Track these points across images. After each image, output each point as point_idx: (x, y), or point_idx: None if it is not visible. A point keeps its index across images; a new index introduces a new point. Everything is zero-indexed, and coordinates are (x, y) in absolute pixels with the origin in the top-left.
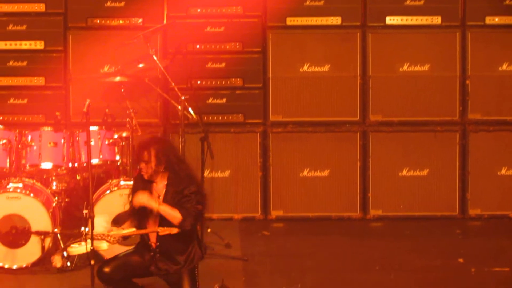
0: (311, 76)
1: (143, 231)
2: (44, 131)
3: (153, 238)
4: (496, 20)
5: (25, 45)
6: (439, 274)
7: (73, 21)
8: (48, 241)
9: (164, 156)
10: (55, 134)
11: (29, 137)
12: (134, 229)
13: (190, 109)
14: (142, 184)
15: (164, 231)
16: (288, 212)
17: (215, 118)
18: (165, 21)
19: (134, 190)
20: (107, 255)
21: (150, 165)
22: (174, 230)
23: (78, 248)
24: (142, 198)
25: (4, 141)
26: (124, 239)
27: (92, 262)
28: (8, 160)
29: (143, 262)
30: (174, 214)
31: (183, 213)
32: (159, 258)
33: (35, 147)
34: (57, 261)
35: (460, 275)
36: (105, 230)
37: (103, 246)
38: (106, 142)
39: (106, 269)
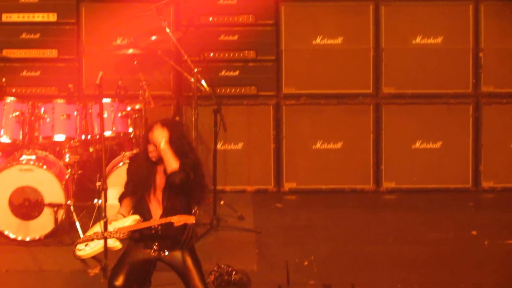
0: (324, 49)
1: (156, 222)
2: (57, 103)
3: (156, 214)
4: None
5: (38, 17)
6: (452, 247)
7: None
8: (61, 213)
9: (178, 141)
10: (68, 106)
11: (42, 109)
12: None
13: (203, 82)
14: (146, 164)
15: (179, 221)
16: (301, 184)
17: (228, 91)
18: None
19: (134, 171)
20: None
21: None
22: (191, 219)
23: (88, 251)
24: (157, 134)
25: (17, 113)
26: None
27: (105, 233)
28: (21, 132)
29: (147, 256)
30: (172, 161)
31: (180, 166)
32: (160, 238)
33: (48, 119)
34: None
35: (473, 248)
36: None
37: (117, 246)
38: (119, 115)
39: (118, 283)
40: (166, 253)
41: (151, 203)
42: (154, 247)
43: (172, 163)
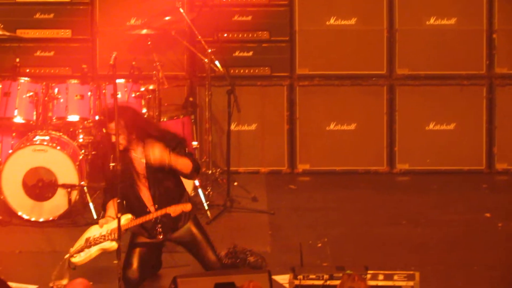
0: (337, 29)
1: (153, 215)
2: (71, 84)
3: (148, 203)
4: None
5: None
6: (465, 229)
7: None
8: (74, 194)
9: (133, 124)
10: (81, 87)
11: (56, 90)
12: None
13: (216, 62)
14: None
15: (176, 211)
16: (314, 165)
17: (241, 71)
18: None
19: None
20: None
21: (122, 136)
22: (187, 207)
23: (83, 257)
24: (156, 153)
25: (31, 93)
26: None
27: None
28: (34, 113)
29: (153, 241)
30: (185, 162)
31: (191, 159)
32: (162, 221)
33: (61, 100)
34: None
35: (487, 230)
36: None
37: (113, 246)
38: (133, 95)
39: (133, 276)
40: (172, 232)
41: (141, 191)
42: (158, 230)
43: (186, 164)
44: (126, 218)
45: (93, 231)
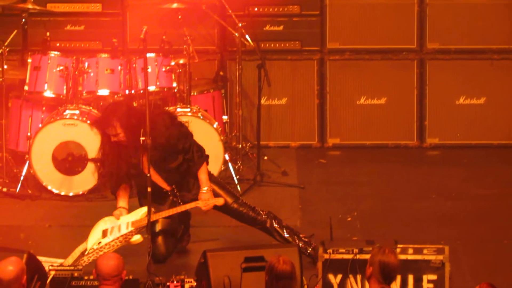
0: (368, 3)
1: (183, 208)
2: (101, 58)
3: (163, 185)
4: None
5: None
6: (495, 203)
7: None
8: None
9: (128, 122)
10: (112, 61)
11: (86, 64)
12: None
13: (247, 36)
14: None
15: (207, 205)
16: (344, 140)
17: (272, 45)
18: None
19: (107, 152)
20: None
21: (121, 135)
22: (220, 201)
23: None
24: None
25: (61, 67)
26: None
27: (149, 189)
28: (65, 87)
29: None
30: (206, 170)
31: (197, 156)
32: (179, 195)
33: (92, 74)
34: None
35: None
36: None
37: (138, 239)
38: (163, 69)
39: (159, 251)
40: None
41: (154, 177)
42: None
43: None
44: (143, 212)
45: (108, 224)
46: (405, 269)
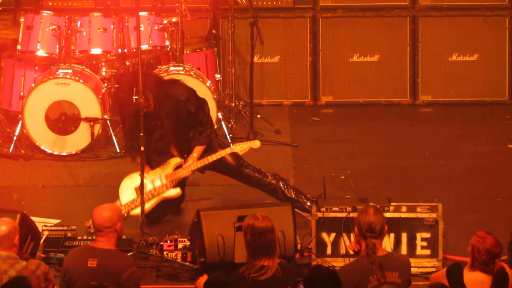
0: None
1: (216, 156)
2: (94, 17)
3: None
4: None
5: None
6: (488, 160)
7: None
8: (97, 128)
9: (157, 92)
10: (104, 20)
11: (79, 23)
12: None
13: None
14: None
15: (243, 149)
16: (337, 97)
17: (264, 3)
18: None
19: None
20: None
21: (151, 107)
22: (257, 144)
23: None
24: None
25: (54, 27)
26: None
27: (142, 148)
28: (57, 46)
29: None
30: (201, 150)
31: (207, 139)
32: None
33: (84, 33)
34: None
35: (510, 161)
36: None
37: (177, 192)
38: (156, 28)
39: (155, 212)
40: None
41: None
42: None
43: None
44: (175, 162)
45: (135, 181)
46: (398, 227)
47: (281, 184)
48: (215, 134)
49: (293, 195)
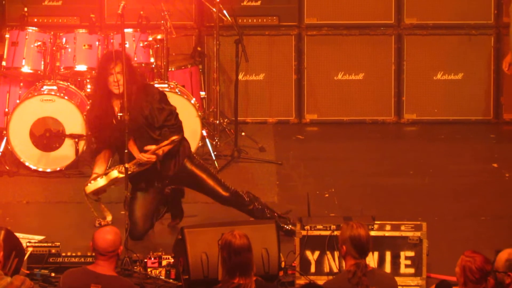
0: None
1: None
2: (79, 33)
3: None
4: None
5: None
6: (473, 179)
7: None
8: (82, 144)
9: (132, 67)
10: (89, 36)
11: (64, 39)
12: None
13: (224, 12)
14: (105, 103)
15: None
16: (322, 115)
17: (249, 21)
18: None
19: (97, 116)
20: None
21: (122, 80)
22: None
23: (95, 183)
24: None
25: (39, 43)
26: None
27: (127, 165)
28: (42, 63)
29: (153, 191)
30: (172, 141)
31: (174, 129)
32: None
33: (69, 50)
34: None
35: (494, 180)
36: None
37: (113, 174)
38: (141, 45)
39: (136, 229)
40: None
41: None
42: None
43: (173, 141)
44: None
45: None
46: (382, 245)
47: (257, 205)
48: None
49: (269, 215)
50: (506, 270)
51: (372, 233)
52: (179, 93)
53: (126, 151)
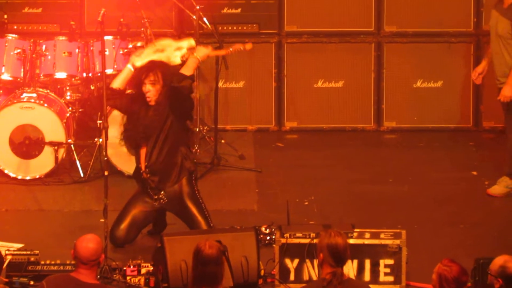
0: None
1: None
2: (59, 41)
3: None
4: None
5: None
6: (452, 187)
7: None
8: (61, 152)
9: (168, 77)
10: (69, 44)
11: (44, 47)
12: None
13: (205, 19)
14: (144, 106)
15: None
16: (302, 123)
17: (229, 28)
18: None
19: (132, 111)
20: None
21: (157, 87)
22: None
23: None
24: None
25: (19, 50)
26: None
27: (106, 173)
28: (22, 70)
29: (149, 207)
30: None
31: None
32: (153, 180)
33: (49, 57)
34: None
35: (474, 188)
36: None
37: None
38: (121, 52)
39: (119, 235)
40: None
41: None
42: (156, 196)
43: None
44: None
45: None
46: (362, 253)
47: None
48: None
49: None
50: (497, 275)
51: (351, 241)
52: None
53: (105, 158)
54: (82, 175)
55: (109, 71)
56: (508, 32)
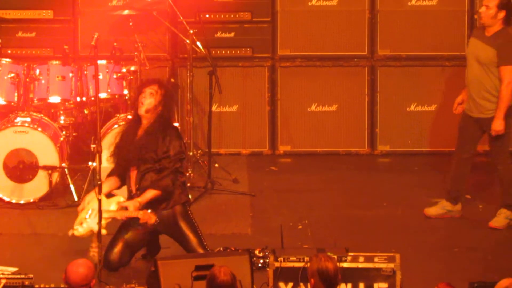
0: (319, 10)
1: (129, 214)
2: (52, 65)
3: (133, 186)
4: None
5: None
6: None
7: None
8: (55, 176)
9: (167, 100)
10: (63, 68)
11: (37, 71)
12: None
13: (198, 43)
14: (132, 129)
15: (144, 218)
16: (296, 147)
17: (223, 52)
18: None
19: (124, 134)
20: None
21: (154, 98)
22: (152, 219)
23: (84, 228)
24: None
25: (12, 74)
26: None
27: (100, 197)
28: (16, 94)
29: (141, 229)
30: (154, 195)
31: (162, 183)
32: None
33: (43, 81)
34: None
35: (468, 211)
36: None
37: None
38: (114, 76)
39: (113, 258)
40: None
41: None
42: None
43: (156, 195)
44: (117, 201)
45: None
46: (356, 277)
47: None
48: (181, 186)
49: None
50: None
51: (345, 264)
52: None
53: (99, 182)
54: (76, 199)
55: (102, 95)
56: (492, 61)
